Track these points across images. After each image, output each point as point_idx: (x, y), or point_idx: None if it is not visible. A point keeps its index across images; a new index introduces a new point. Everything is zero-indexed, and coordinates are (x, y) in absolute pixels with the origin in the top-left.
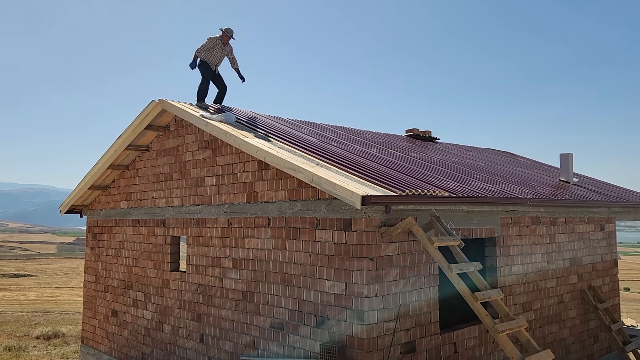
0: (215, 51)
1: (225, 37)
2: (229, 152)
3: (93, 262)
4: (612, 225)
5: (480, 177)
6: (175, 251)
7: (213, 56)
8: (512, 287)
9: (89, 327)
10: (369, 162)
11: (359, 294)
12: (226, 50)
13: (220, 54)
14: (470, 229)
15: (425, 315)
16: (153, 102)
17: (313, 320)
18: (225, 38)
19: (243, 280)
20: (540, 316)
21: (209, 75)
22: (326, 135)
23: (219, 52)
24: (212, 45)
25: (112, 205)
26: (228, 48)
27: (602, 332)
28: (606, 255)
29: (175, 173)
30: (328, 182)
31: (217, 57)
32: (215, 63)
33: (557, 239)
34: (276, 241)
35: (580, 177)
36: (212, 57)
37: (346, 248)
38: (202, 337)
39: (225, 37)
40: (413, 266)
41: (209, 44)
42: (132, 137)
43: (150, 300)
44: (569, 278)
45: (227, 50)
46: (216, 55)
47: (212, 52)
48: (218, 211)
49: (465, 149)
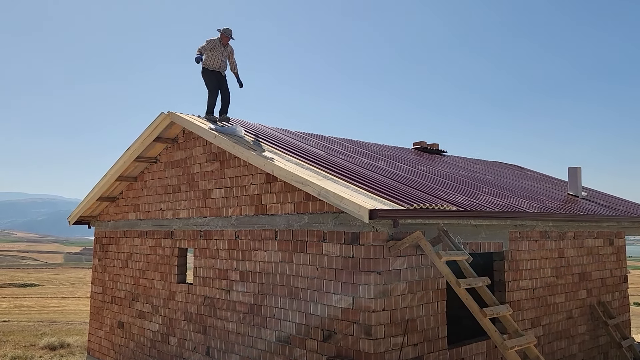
0: (216, 53)
1: (225, 38)
2: (237, 165)
3: (100, 273)
4: (622, 239)
5: (488, 191)
6: (182, 263)
7: (214, 58)
8: (520, 302)
9: (95, 338)
10: (376, 175)
11: (367, 308)
12: (227, 51)
13: (221, 55)
14: (479, 243)
15: (433, 330)
16: (162, 114)
17: (320, 334)
18: (225, 39)
19: (250, 293)
20: (549, 332)
21: (214, 84)
22: (334, 148)
23: (220, 54)
24: (211, 47)
25: (120, 216)
26: (228, 49)
27: (612, 349)
28: (616, 270)
29: (183, 185)
30: (336, 195)
31: (218, 59)
32: (218, 66)
33: (566, 253)
34: (283, 254)
35: (589, 190)
36: (214, 60)
37: (353, 262)
38: (209, 349)
39: (225, 38)
40: (421, 280)
41: (209, 45)
42: (140, 149)
43: (157, 312)
44: (578, 293)
45: (227, 51)
46: (217, 57)
47: (213, 54)
48: (225, 223)
49: (473, 162)
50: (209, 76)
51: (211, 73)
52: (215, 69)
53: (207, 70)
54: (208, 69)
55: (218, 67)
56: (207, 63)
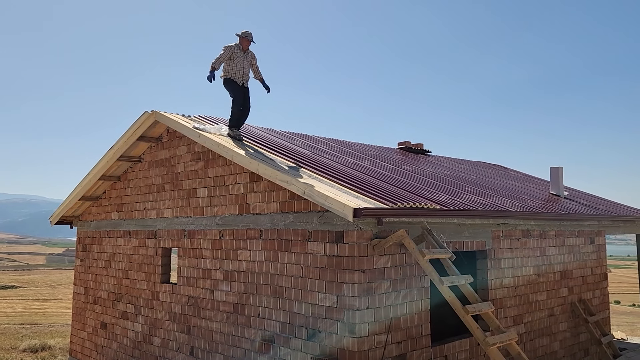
0: (236, 61)
1: (245, 43)
2: (222, 164)
3: (83, 274)
4: (602, 238)
5: (472, 190)
6: (166, 263)
7: (235, 68)
8: (503, 300)
9: (77, 340)
10: (361, 174)
11: (351, 306)
12: (248, 57)
13: (242, 63)
14: (462, 241)
15: (416, 327)
16: (146, 113)
17: (304, 332)
18: (245, 43)
19: (234, 292)
20: (531, 329)
21: (239, 94)
22: (318, 148)
23: (241, 62)
24: (229, 55)
25: (102, 216)
26: (250, 55)
27: (592, 346)
28: (596, 269)
29: (167, 184)
30: (320, 194)
31: (239, 67)
32: (240, 75)
33: (548, 251)
34: (268, 253)
35: (570, 190)
36: (235, 69)
37: (338, 260)
38: (193, 349)
39: (245, 43)
40: (404, 279)
41: (226, 54)
42: (124, 148)
43: (140, 313)
44: (560, 291)
45: (249, 57)
46: (238, 65)
47: (233, 62)
48: (210, 223)
49: (457, 162)
50: (232, 85)
51: (235, 84)
52: (238, 80)
53: (231, 81)
54: (232, 78)
55: (240, 78)
56: (229, 73)
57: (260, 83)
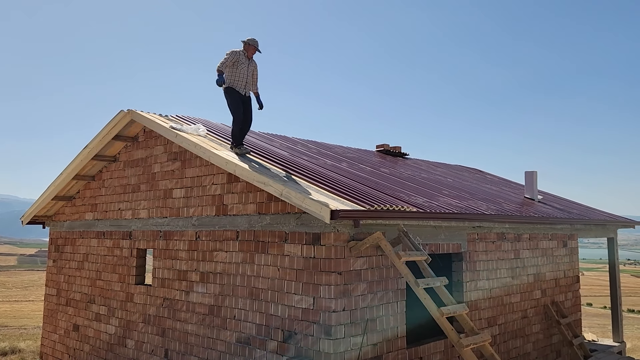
0: (241, 68)
1: (251, 50)
2: (199, 165)
3: (55, 275)
4: (575, 241)
5: (448, 193)
6: (141, 264)
7: (239, 75)
8: (477, 302)
9: (48, 342)
10: (338, 176)
11: (327, 308)
12: (252, 66)
13: (246, 71)
14: (438, 244)
15: (392, 329)
16: (122, 112)
17: (280, 335)
18: (251, 51)
19: (210, 294)
20: (505, 331)
21: (239, 106)
22: (297, 149)
23: (245, 69)
24: (234, 60)
25: (76, 216)
26: (253, 64)
27: (564, 347)
28: (569, 271)
29: (142, 184)
30: (297, 196)
31: (243, 76)
32: (243, 84)
33: (522, 254)
34: (244, 255)
35: (545, 194)
36: (239, 77)
37: (314, 262)
38: (167, 352)
39: (251, 50)
40: (381, 281)
41: (232, 59)
42: (99, 147)
43: (114, 315)
44: (533, 293)
45: (252, 66)
46: (242, 73)
47: (237, 69)
48: (186, 224)
49: (435, 165)
50: (234, 97)
51: (237, 93)
52: (241, 89)
53: (233, 90)
54: (234, 88)
55: (243, 87)
56: (231, 80)
57: (255, 97)
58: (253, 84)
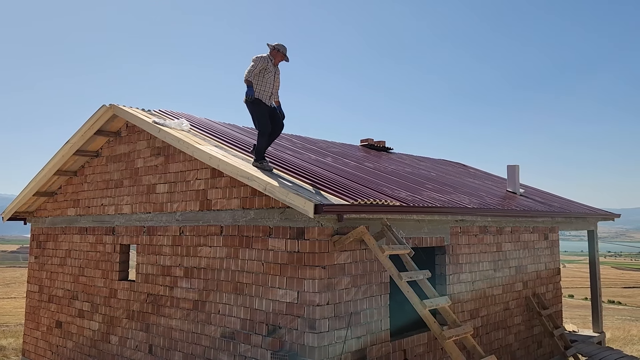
0: (268, 76)
1: (278, 57)
2: (182, 160)
3: (37, 272)
4: (556, 234)
5: (432, 187)
6: (125, 260)
7: (265, 84)
8: (460, 295)
9: (31, 339)
10: (323, 171)
11: (311, 302)
12: (277, 74)
13: (272, 79)
14: (421, 237)
15: (376, 323)
16: (104, 106)
17: (265, 329)
18: (278, 58)
19: (194, 289)
20: (487, 323)
21: (265, 116)
22: (281, 144)
23: (272, 78)
24: (262, 67)
25: (58, 212)
26: (278, 72)
27: (545, 338)
28: (550, 264)
29: (125, 180)
30: (281, 190)
31: (269, 85)
32: (269, 94)
33: (504, 247)
34: (229, 250)
35: (526, 187)
36: (265, 86)
37: (299, 257)
38: (151, 347)
39: (278, 57)
40: (365, 274)
41: (260, 65)
42: (80, 143)
43: (97, 311)
44: (515, 285)
45: (277, 74)
46: (269, 81)
47: (264, 77)
48: (170, 219)
49: (419, 160)
50: (262, 110)
51: (264, 105)
52: (267, 100)
53: (260, 102)
54: (260, 99)
55: (269, 97)
56: (259, 91)
57: (276, 107)
58: (275, 94)
